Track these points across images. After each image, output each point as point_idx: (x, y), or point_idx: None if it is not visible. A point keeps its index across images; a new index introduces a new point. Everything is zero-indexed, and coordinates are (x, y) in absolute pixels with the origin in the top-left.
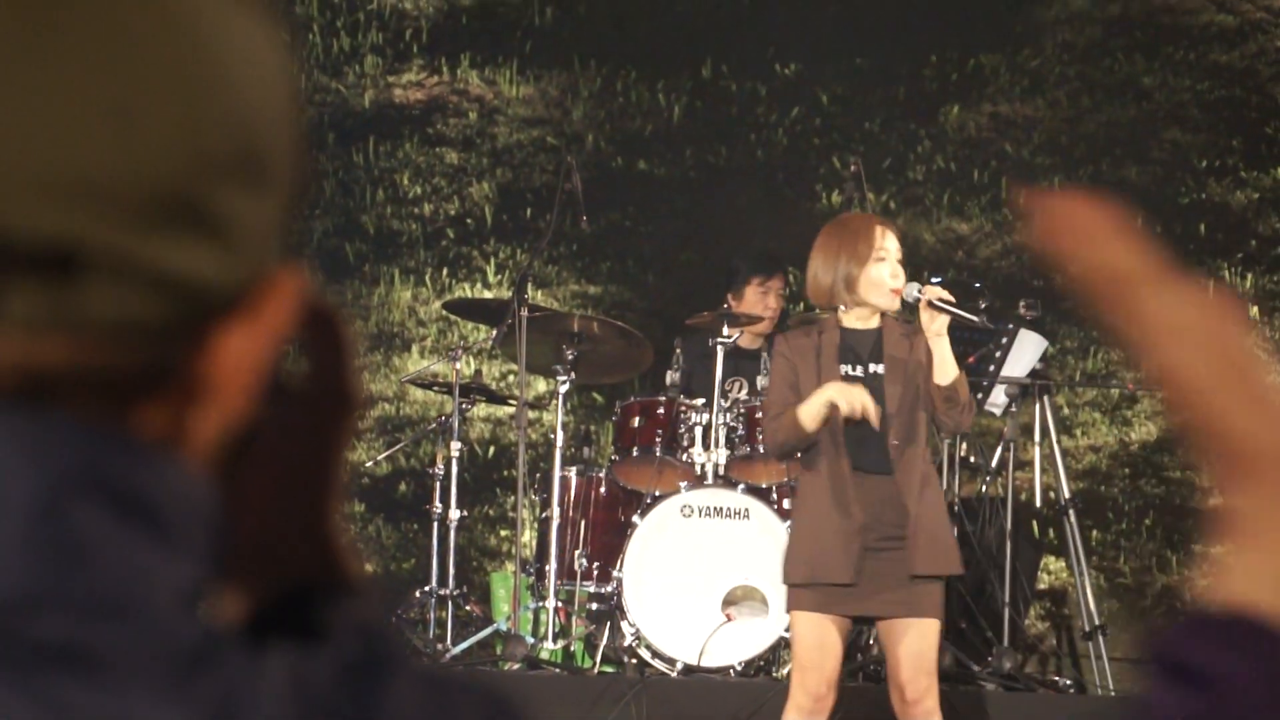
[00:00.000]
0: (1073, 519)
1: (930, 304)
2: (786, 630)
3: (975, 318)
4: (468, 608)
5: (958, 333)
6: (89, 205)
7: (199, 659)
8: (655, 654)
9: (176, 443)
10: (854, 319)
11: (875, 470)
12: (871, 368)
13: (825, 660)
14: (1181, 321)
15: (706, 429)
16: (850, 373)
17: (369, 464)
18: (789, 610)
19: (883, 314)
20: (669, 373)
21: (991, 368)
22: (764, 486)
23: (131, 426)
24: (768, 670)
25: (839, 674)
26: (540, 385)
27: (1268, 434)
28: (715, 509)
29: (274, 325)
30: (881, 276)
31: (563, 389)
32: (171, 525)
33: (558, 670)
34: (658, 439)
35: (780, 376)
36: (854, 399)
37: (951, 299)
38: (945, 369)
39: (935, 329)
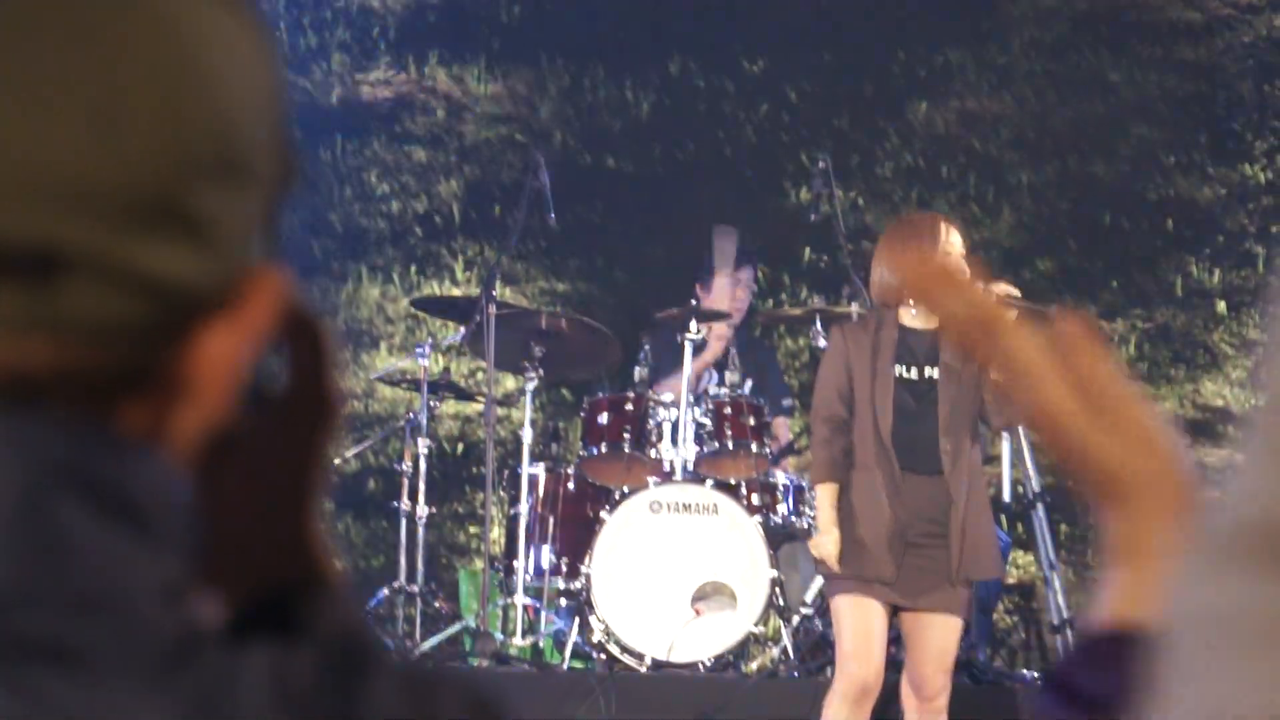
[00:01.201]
0: (1041, 513)
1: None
2: (756, 625)
3: (1047, 311)
4: (436, 604)
5: None
6: (70, 208)
7: (180, 655)
8: (624, 649)
9: (158, 440)
10: (914, 318)
11: (925, 471)
12: (927, 371)
13: (871, 647)
14: (1039, 361)
15: (675, 425)
16: (904, 374)
17: (337, 461)
18: (831, 596)
19: None
20: (637, 368)
21: None
22: (733, 482)
23: (113, 425)
24: (736, 666)
25: (884, 664)
26: (509, 382)
27: (1134, 461)
28: (684, 505)
29: (255, 325)
30: None
31: (531, 386)
32: (153, 522)
33: (526, 666)
34: (626, 435)
35: (829, 377)
36: (825, 553)
37: (1018, 293)
38: None
39: None
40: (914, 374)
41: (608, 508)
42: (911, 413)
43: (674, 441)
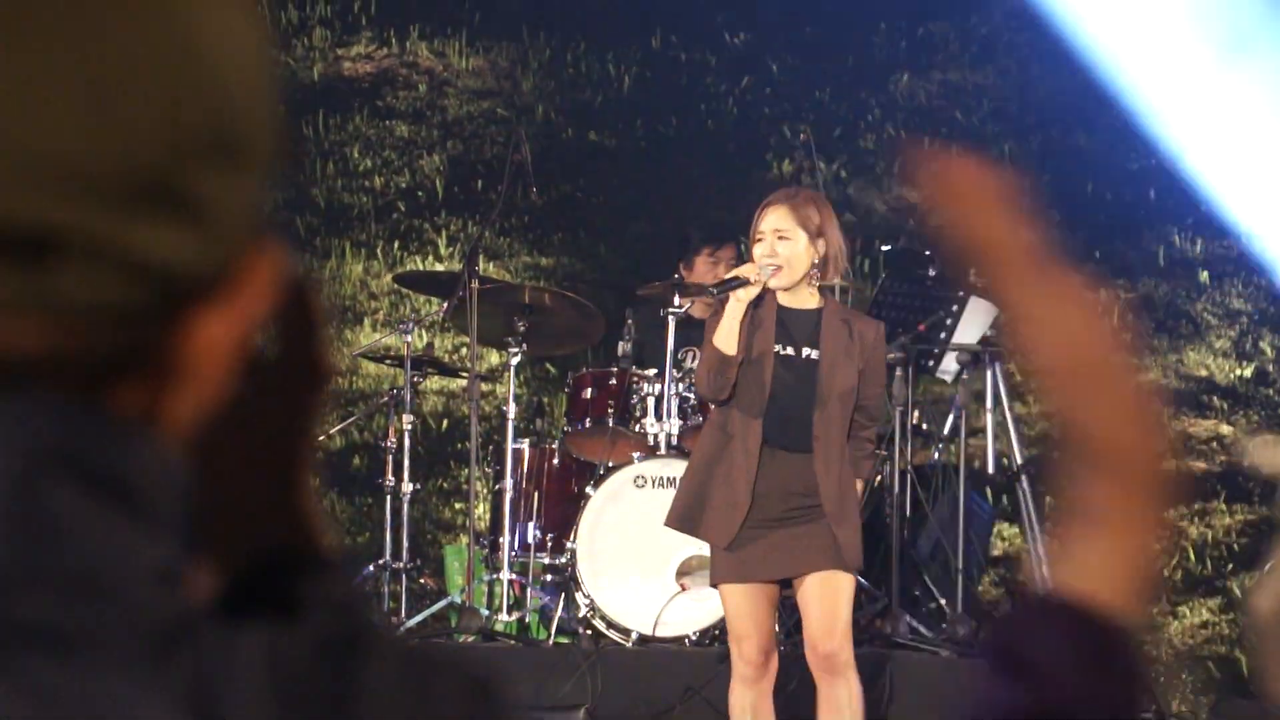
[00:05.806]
0: (1025, 485)
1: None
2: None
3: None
4: (422, 581)
5: (907, 299)
6: (65, 189)
7: (175, 638)
8: (610, 625)
9: (153, 422)
10: (791, 299)
11: (794, 449)
12: (805, 352)
13: (757, 627)
14: (1050, 313)
15: (659, 399)
16: (782, 352)
17: (321, 437)
18: (714, 584)
19: (824, 295)
20: (621, 343)
21: (942, 335)
22: None
23: (107, 406)
24: (722, 640)
25: (774, 639)
26: (492, 357)
27: (1124, 433)
28: (668, 479)
29: (252, 307)
30: (758, 255)
31: (515, 361)
32: (147, 504)
33: (513, 642)
34: (610, 410)
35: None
36: (751, 271)
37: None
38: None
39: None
40: (791, 351)
41: (592, 483)
42: (788, 390)
43: (658, 416)
